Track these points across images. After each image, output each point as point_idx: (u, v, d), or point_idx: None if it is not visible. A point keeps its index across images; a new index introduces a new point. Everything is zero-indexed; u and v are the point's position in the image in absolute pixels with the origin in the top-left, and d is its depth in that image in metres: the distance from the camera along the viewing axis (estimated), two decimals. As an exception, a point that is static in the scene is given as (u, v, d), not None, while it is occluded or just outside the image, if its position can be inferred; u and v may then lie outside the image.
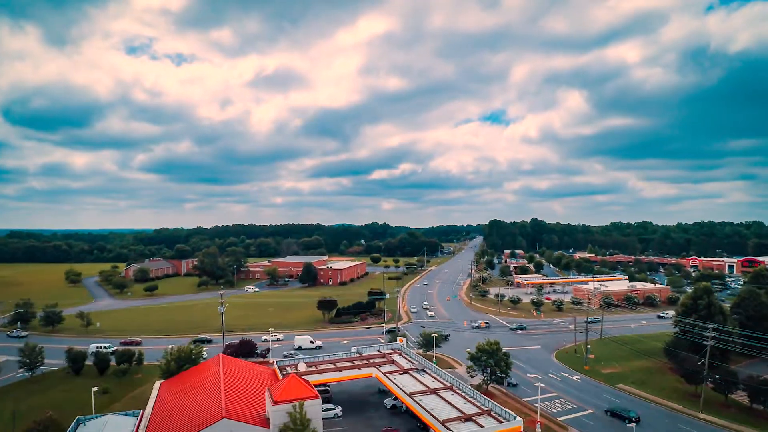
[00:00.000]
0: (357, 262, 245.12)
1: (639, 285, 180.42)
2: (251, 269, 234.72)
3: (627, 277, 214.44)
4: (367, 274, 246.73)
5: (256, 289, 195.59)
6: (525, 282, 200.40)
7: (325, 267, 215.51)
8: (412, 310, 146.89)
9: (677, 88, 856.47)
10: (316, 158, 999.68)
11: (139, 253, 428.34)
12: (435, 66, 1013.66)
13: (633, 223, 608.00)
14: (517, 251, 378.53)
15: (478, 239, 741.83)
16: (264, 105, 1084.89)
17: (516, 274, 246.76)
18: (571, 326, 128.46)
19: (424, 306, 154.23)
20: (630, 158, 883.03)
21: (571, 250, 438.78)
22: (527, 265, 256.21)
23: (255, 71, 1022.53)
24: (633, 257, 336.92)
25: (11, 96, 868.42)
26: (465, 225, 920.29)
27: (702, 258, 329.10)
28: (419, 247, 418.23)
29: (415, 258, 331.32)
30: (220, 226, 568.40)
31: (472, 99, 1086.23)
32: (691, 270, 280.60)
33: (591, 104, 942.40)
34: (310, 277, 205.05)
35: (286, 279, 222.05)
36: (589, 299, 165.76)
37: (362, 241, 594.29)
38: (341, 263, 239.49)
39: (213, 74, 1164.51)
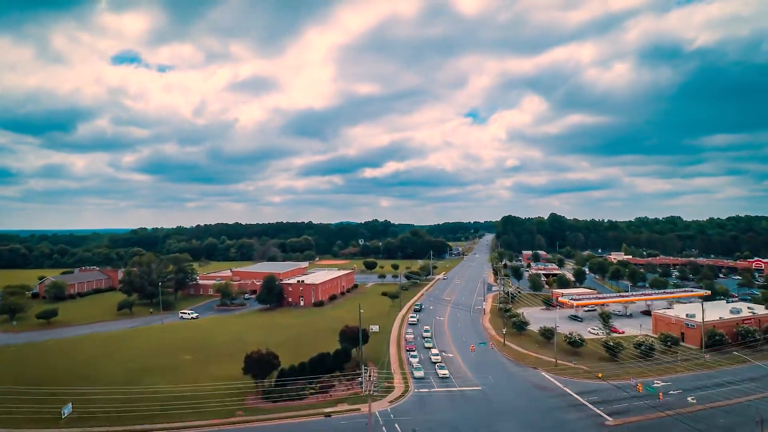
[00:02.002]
0: (342, 272, 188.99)
1: (743, 308, 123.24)
2: (202, 282, 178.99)
3: (708, 291, 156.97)
4: (356, 287, 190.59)
5: (195, 315, 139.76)
6: (571, 302, 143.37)
7: (294, 281, 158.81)
8: (414, 368, 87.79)
9: (648, 86, 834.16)
10: (305, 157, 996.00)
11: (104, 257, 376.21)
12: (403, 73, 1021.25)
13: (660, 219, 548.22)
14: (540, 252, 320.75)
15: (487, 237, 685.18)
16: (247, 110, 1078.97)
17: (549, 284, 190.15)
18: (693, 400, 71.86)
19: (432, 354, 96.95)
20: (609, 155, 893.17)
21: (600, 251, 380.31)
22: (565, 274, 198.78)
23: (228, 79, 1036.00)
24: (684, 260, 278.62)
25: (3, 103, 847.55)
26: (472, 222, 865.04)
27: (766, 260, 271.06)
28: (423, 247, 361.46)
29: (419, 263, 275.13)
30: (202, 225, 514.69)
31: (451, 100, 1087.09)
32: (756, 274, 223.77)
33: (559, 103, 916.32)
34: (272, 295, 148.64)
35: (246, 296, 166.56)
36: (682, 335, 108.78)
37: (361, 240, 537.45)
38: (321, 274, 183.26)
39: (194, 81, 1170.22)
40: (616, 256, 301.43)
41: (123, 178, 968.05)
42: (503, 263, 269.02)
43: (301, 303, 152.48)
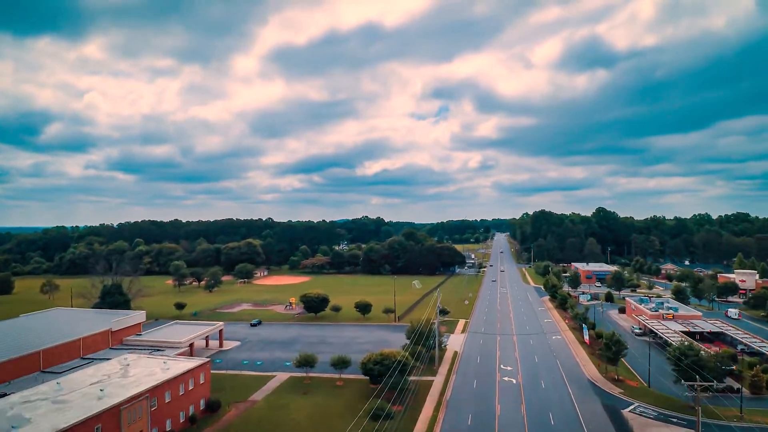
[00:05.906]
0: (163, 377, 57.99)
1: None
2: None
3: None
4: (215, 408, 64.71)
5: None
6: None
7: None
8: None
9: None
10: (283, 157, 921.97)
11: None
12: (358, 80, 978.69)
13: (730, 215, 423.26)
14: (612, 268, 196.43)
15: (499, 237, 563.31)
16: (212, 112, 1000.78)
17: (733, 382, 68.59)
18: None
19: None
20: (560, 155, 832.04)
21: (687, 262, 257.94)
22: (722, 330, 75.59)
23: (185, 86, 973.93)
24: None
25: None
26: (479, 220, 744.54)
27: None
28: (423, 255, 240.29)
29: (416, 285, 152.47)
30: (130, 222, 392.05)
31: (420, 102, 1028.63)
32: None
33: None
34: None
35: None
36: None
37: (343, 243, 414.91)
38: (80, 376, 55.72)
39: (149, 89, 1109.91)
40: (741, 277, 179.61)
41: (106, 176, 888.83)
42: (567, 291, 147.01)
43: None
